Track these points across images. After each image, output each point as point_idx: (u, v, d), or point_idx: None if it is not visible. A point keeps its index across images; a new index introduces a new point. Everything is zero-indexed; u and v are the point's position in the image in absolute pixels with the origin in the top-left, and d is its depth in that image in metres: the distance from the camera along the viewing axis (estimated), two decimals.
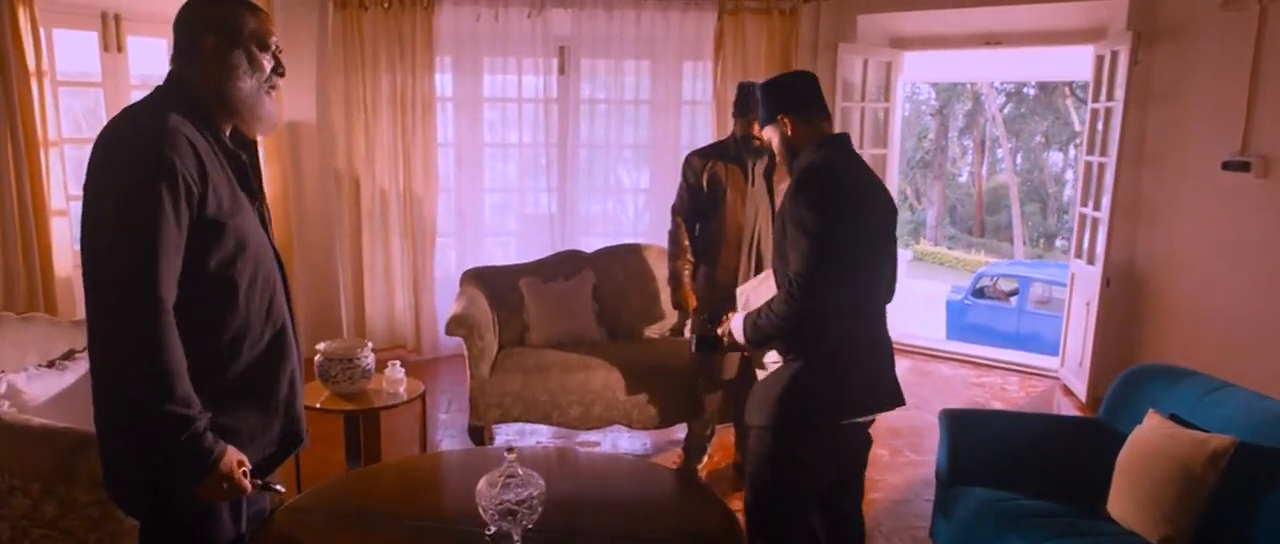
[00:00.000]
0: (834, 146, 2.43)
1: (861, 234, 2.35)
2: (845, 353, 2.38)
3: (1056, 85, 25.24)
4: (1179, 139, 4.71)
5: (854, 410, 2.43)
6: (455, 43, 5.69)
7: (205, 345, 1.75)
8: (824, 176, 2.33)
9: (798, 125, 2.45)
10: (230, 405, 1.80)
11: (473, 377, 3.94)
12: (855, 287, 2.35)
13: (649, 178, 6.09)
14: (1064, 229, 27.61)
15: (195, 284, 1.70)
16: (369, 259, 5.74)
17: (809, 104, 2.47)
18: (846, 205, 2.30)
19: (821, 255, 2.23)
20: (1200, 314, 4.58)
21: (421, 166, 5.69)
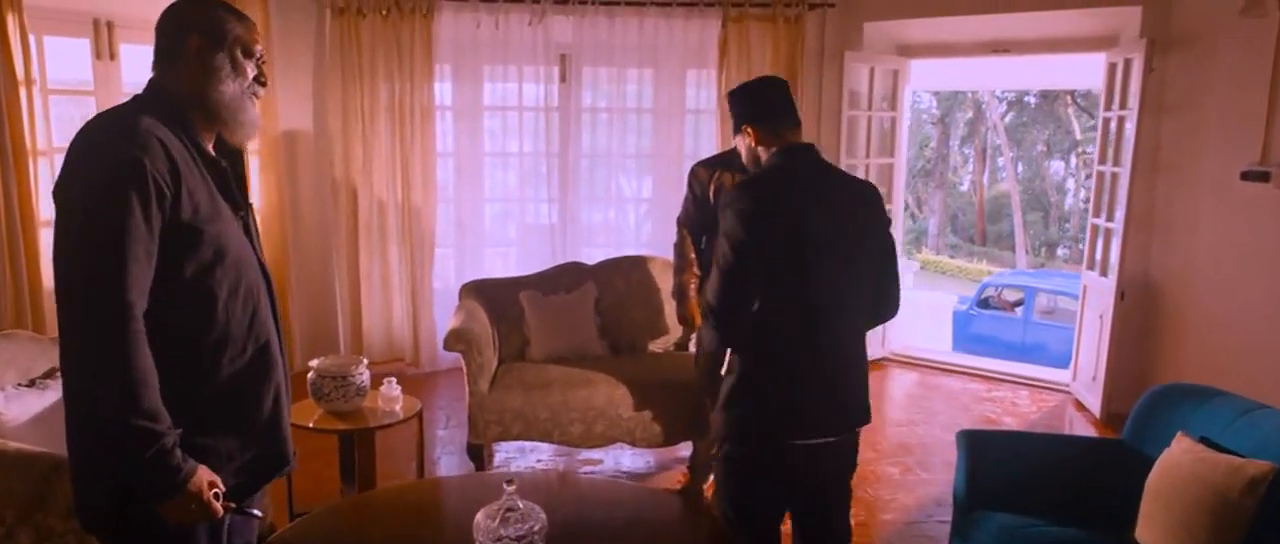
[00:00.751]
0: (790, 155, 2.31)
1: (799, 247, 2.20)
2: (780, 372, 2.26)
3: (1058, 94, 25.19)
4: (1195, 149, 4.61)
5: (798, 432, 2.28)
6: (454, 50, 5.59)
7: (180, 358, 1.66)
8: (753, 190, 2.25)
9: (763, 135, 2.36)
10: (207, 423, 1.71)
11: (471, 393, 3.83)
12: (786, 304, 2.22)
13: (651, 188, 5.99)
14: (1066, 238, 27.52)
15: (170, 292, 1.62)
16: (366, 270, 5.63)
17: (776, 113, 2.36)
18: (777, 218, 2.19)
19: (729, 280, 2.18)
20: (1218, 328, 4.47)
21: (420, 176, 5.58)
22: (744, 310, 2.19)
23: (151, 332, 1.58)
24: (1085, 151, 26.13)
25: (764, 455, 2.30)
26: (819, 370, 2.27)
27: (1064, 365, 11.05)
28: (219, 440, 1.73)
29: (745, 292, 2.18)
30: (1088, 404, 5.10)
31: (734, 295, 2.19)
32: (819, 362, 2.27)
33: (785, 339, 2.24)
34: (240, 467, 1.77)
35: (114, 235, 1.52)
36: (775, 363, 2.25)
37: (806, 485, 2.39)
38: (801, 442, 2.29)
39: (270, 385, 1.82)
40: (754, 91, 2.44)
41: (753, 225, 2.16)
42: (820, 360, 2.27)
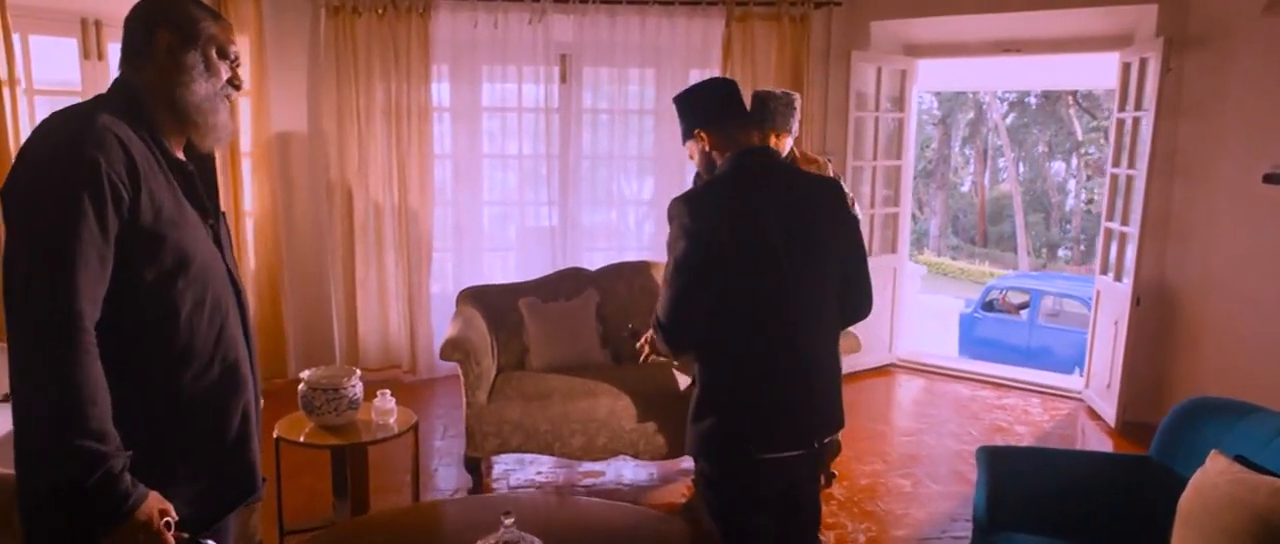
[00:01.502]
0: (743, 159, 2.19)
1: (750, 258, 2.11)
2: (743, 382, 2.16)
3: (1060, 94, 25.08)
4: (1213, 151, 4.48)
5: (767, 444, 2.17)
6: (452, 50, 5.47)
7: (137, 374, 1.54)
8: (694, 202, 2.15)
9: (717, 139, 2.22)
10: (165, 446, 1.59)
11: (469, 405, 3.70)
12: (744, 312, 2.13)
13: (653, 190, 5.86)
14: (1067, 239, 27.41)
15: (127, 303, 1.50)
16: (362, 275, 5.50)
17: (727, 115, 2.23)
18: (728, 226, 2.10)
19: (679, 295, 2.11)
20: (1238, 335, 4.34)
21: (417, 179, 5.46)
22: (693, 323, 2.13)
23: (105, 344, 1.46)
24: (1087, 152, 26.04)
25: (736, 470, 2.21)
26: (786, 378, 2.18)
27: (1069, 369, 11.00)
28: (177, 464, 1.61)
29: (694, 305, 2.12)
30: (1102, 412, 4.98)
31: (682, 311, 2.13)
32: (785, 369, 2.18)
33: (746, 347, 2.15)
34: (200, 494, 1.65)
35: (63, 238, 1.40)
36: (737, 373, 2.17)
37: (780, 501, 2.29)
38: (772, 455, 2.19)
39: (237, 406, 1.69)
40: (701, 94, 2.28)
41: (696, 238, 2.09)
42: (787, 368, 2.18)
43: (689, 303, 2.11)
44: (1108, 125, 23.66)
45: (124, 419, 1.48)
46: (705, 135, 2.23)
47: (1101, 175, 25.86)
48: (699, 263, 2.09)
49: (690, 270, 2.10)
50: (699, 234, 2.08)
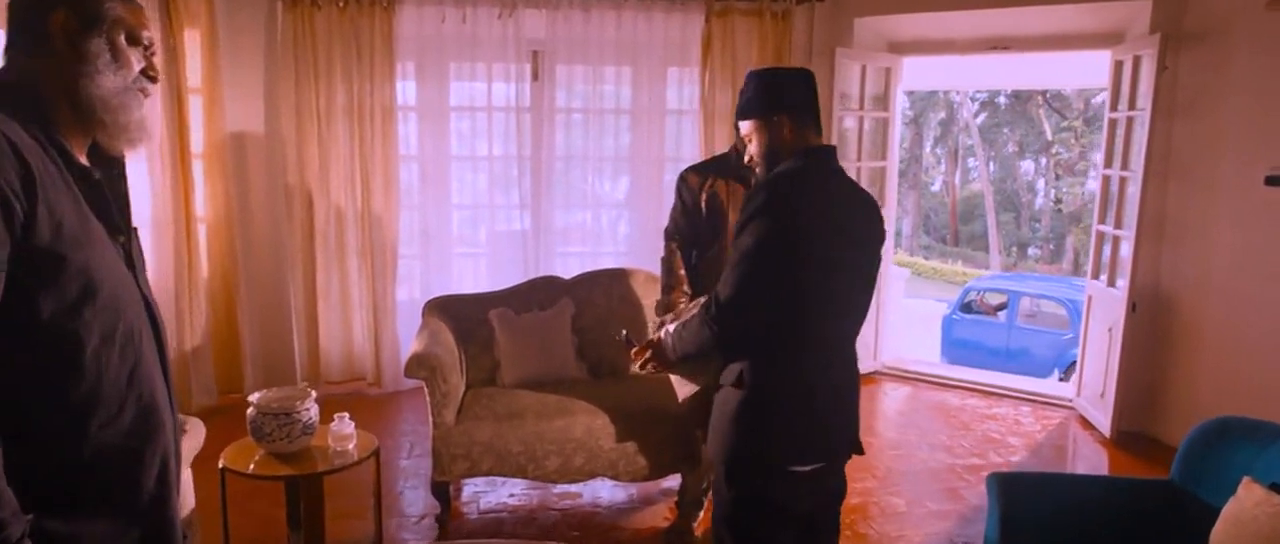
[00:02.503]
0: (814, 159, 2.10)
1: (823, 261, 2.01)
2: (802, 390, 2.07)
3: (1030, 94, 25.21)
4: (1210, 151, 4.33)
5: (804, 456, 2.10)
6: (418, 46, 5.20)
7: (35, 422, 1.29)
8: (783, 190, 2.01)
9: (795, 130, 2.12)
10: (70, 504, 1.34)
11: (435, 426, 3.44)
12: (804, 315, 2.03)
13: (630, 193, 5.63)
14: (1036, 238, 27.57)
15: (22, 338, 1.25)
16: (323, 284, 5.21)
17: (810, 107, 2.15)
18: (803, 226, 1.98)
19: (749, 278, 1.97)
20: (1238, 342, 4.20)
21: (382, 182, 5.18)
22: (758, 307, 1.98)
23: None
24: (1057, 152, 26.20)
25: (771, 482, 2.09)
26: (835, 388, 2.13)
27: (1048, 371, 10.93)
28: (83, 526, 1.35)
29: (765, 288, 1.97)
30: (1095, 422, 4.82)
31: (752, 291, 1.97)
32: (836, 379, 2.12)
33: (806, 349, 2.06)
34: None
35: None
36: (794, 376, 2.05)
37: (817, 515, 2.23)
38: (812, 467, 2.10)
39: (154, 454, 1.44)
40: (794, 80, 2.17)
41: (783, 219, 1.95)
42: (836, 378, 2.13)
43: (760, 284, 1.96)
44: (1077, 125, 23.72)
45: (21, 477, 1.24)
46: (787, 121, 2.10)
47: (1071, 174, 26.09)
48: (780, 247, 1.95)
49: (771, 252, 1.96)
50: (790, 216, 1.97)
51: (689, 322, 2.11)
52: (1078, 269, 24.54)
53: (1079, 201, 25.74)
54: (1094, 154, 25.46)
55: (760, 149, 2.14)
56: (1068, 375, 10.38)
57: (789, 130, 2.10)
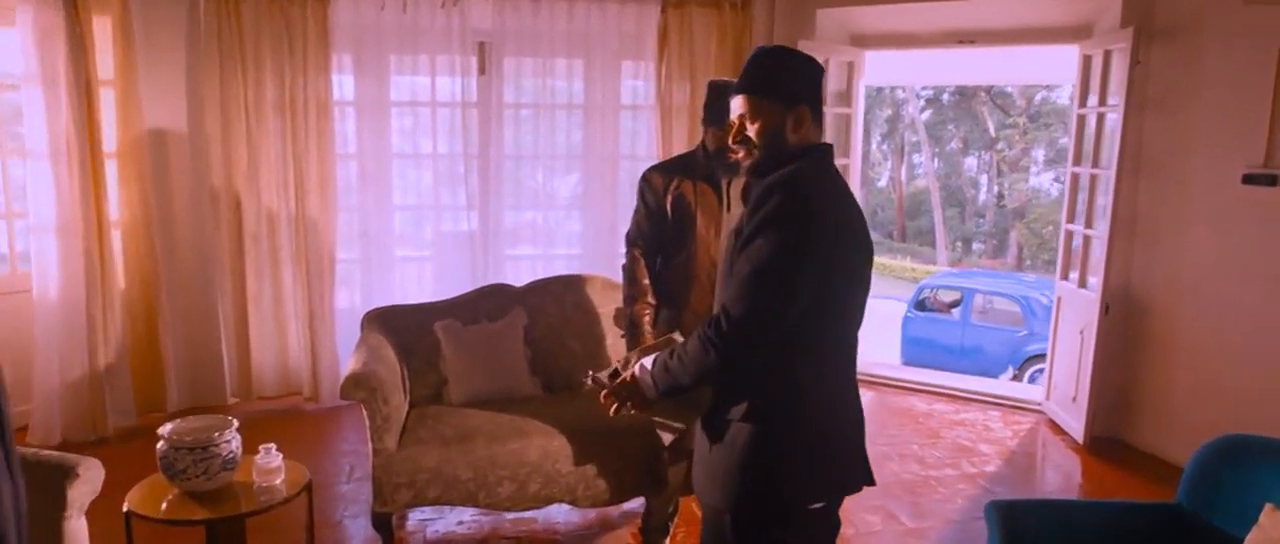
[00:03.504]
0: (819, 159, 1.86)
1: (841, 269, 1.80)
2: (823, 419, 1.84)
3: (974, 91, 25.52)
4: (1183, 148, 4.21)
5: (827, 490, 1.91)
6: (355, 37, 4.85)
7: None
8: (803, 191, 1.76)
9: (808, 123, 1.86)
10: None
11: (376, 452, 3.13)
12: (821, 333, 1.82)
13: (582, 192, 5.35)
14: (980, 233, 27.97)
15: None
16: (255, 292, 4.84)
17: (821, 102, 1.91)
18: (826, 232, 1.75)
19: (768, 292, 1.72)
20: (1213, 344, 4.09)
21: (317, 181, 4.83)
22: (773, 333, 1.73)
23: None
24: (1001, 149, 26.57)
25: (793, 528, 1.86)
26: (851, 410, 1.93)
27: (1002, 368, 10.93)
28: None
29: (783, 307, 1.71)
30: (1066, 426, 4.69)
31: (770, 308, 1.71)
32: (849, 399, 1.93)
33: (825, 370, 1.85)
34: None
35: None
36: (815, 404, 1.82)
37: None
38: (821, 504, 1.90)
39: None
40: (812, 68, 1.90)
41: (809, 229, 1.72)
42: (851, 398, 1.92)
43: (781, 298, 1.71)
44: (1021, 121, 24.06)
45: None
46: (808, 116, 1.85)
47: (1015, 170, 26.51)
48: (802, 256, 1.71)
49: (794, 262, 1.70)
50: (812, 220, 1.73)
51: (685, 347, 1.81)
52: (1021, 264, 24.94)
53: (1022, 197, 26.17)
54: (1036, 151, 25.90)
55: (763, 137, 1.84)
56: (1022, 372, 10.40)
57: (806, 126, 1.85)
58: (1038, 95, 25.03)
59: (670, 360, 1.83)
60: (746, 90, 1.87)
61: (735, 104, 1.89)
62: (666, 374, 1.84)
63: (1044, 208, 25.50)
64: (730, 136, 1.90)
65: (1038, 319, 10.52)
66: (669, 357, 1.84)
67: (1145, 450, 4.43)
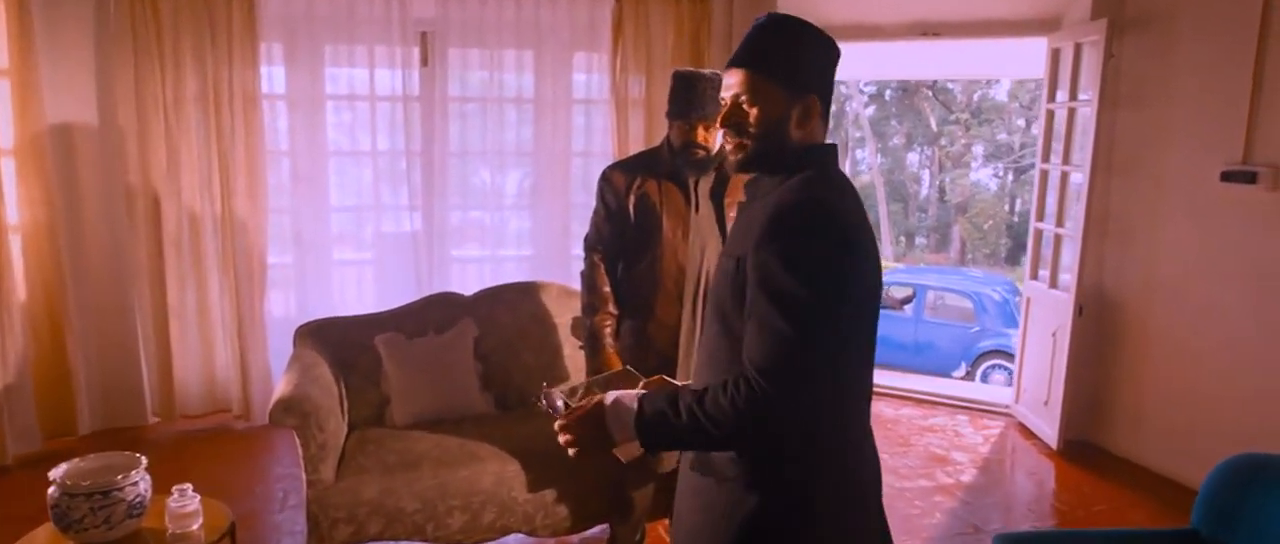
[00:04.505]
0: (828, 164, 1.55)
1: (873, 294, 1.52)
2: (849, 478, 1.54)
3: (917, 87, 25.78)
4: (1157, 145, 4.09)
5: None
6: (286, 26, 4.49)
7: None
8: (830, 203, 1.44)
9: (819, 117, 1.55)
10: None
11: (310, 484, 2.81)
12: (852, 382, 1.52)
13: (533, 190, 5.05)
14: (923, 228, 28.30)
15: None
16: (177, 301, 4.45)
17: (832, 92, 1.59)
18: (851, 265, 1.44)
19: (811, 333, 1.37)
20: (1189, 347, 3.97)
21: (245, 181, 4.46)
22: (821, 390, 1.39)
23: None
24: (943, 144, 26.90)
25: None
26: (872, 468, 1.62)
27: (954, 365, 10.91)
28: None
29: (828, 349, 1.40)
30: (1038, 431, 4.55)
31: (817, 354, 1.38)
32: (873, 451, 1.62)
33: (851, 422, 1.54)
34: None
35: None
36: (850, 458, 1.54)
37: None
38: None
39: None
40: (830, 49, 1.57)
41: (842, 250, 1.42)
42: (870, 454, 1.61)
43: (825, 338, 1.38)
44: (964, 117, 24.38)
45: None
46: (817, 108, 1.55)
47: (957, 166, 26.87)
48: (845, 294, 1.41)
49: (835, 291, 1.39)
50: (844, 237, 1.43)
51: (703, 406, 1.42)
52: (964, 258, 25.28)
53: (964, 192, 26.54)
54: (976, 146, 26.28)
55: (761, 127, 1.51)
56: (975, 368, 10.39)
57: (813, 120, 1.54)
58: (976, 93, 25.41)
59: (673, 414, 1.45)
60: (748, 65, 1.52)
61: (730, 80, 1.55)
62: (666, 432, 1.46)
63: (985, 202, 25.90)
64: (720, 119, 1.57)
65: (989, 315, 10.52)
66: (671, 410, 1.45)
67: (1119, 455, 4.31)
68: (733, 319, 1.48)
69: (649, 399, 1.49)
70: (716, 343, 1.54)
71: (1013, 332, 10.27)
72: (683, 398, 1.46)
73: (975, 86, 24.89)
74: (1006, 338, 10.22)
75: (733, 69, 1.54)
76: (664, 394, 1.50)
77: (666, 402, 1.47)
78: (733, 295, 1.47)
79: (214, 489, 2.94)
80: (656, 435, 1.48)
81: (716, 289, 1.55)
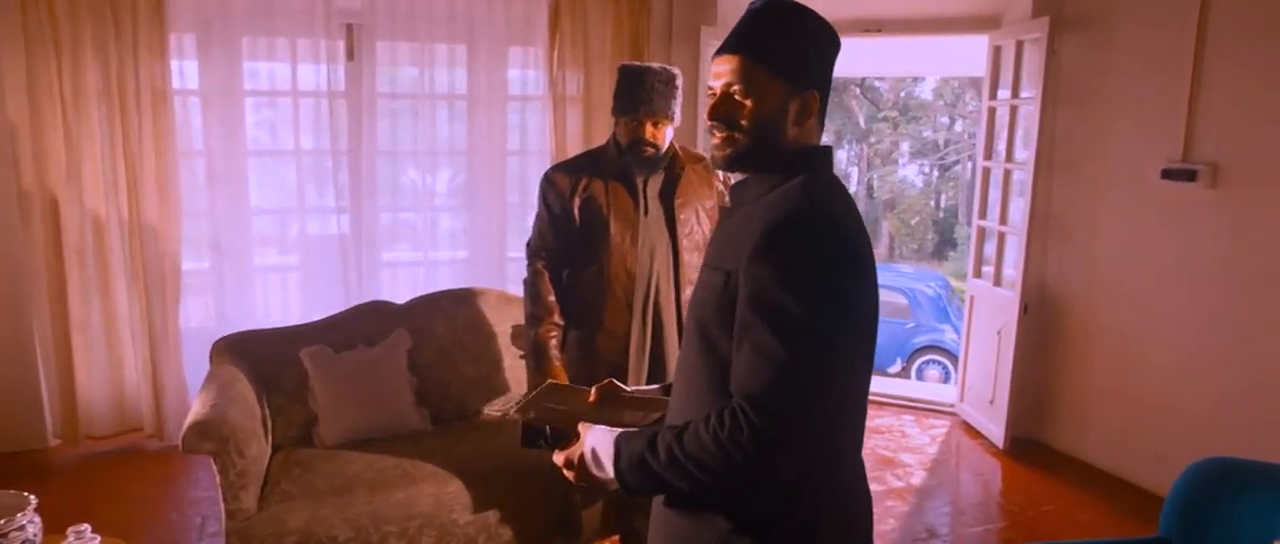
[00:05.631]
0: (825, 169, 1.41)
1: (866, 323, 1.35)
2: (849, 516, 1.41)
3: (846, 84, 26.15)
4: (1097, 142, 4.10)
5: None
6: (198, 16, 4.19)
7: None
8: (833, 214, 1.29)
9: (818, 114, 1.41)
10: None
11: (230, 515, 2.58)
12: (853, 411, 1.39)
13: (467, 192, 4.83)
14: None
15: None
16: (80, 314, 4.12)
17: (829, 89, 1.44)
18: (854, 282, 1.30)
19: (815, 362, 1.23)
20: (1130, 345, 3.99)
21: (154, 183, 4.15)
22: (820, 421, 1.24)
23: None
24: (872, 141, 27.36)
25: None
26: (869, 503, 1.49)
27: (890, 361, 11.01)
28: None
29: (833, 377, 1.25)
30: (983, 430, 4.54)
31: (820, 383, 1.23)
32: (864, 494, 1.48)
33: (851, 452, 1.41)
34: None
35: None
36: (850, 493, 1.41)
37: None
38: None
39: None
40: (836, 42, 1.42)
41: (846, 263, 1.28)
42: (864, 492, 1.48)
43: (830, 365, 1.24)
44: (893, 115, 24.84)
45: None
46: (816, 104, 1.40)
47: (886, 162, 27.36)
48: (849, 314, 1.27)
49: (841, 311, 1.25)
50: (848, 247, 1.29)
51: (683, 444, 1.28)
52: (893, 253, 25.76)
53: (892, 189, 27.04)
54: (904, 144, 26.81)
55: (755, 122, 1.35)
56: (909, 364, 10.50)
57: (811, 120, 1.39)
58: (903, 91, 25.89)
59: (652, 456, 1.30)
60: (746, 52, 1.36)
61: (721, 67, 1.38)
62: (648, 476, 1.32)
63: (912, 199, 26.42)
64: (708, 110, 1.41)
65: (923, 311, 10.64)
66: (650, 451, 1.31)
67: (1064, 452, 4.32)
68: (718, 340, 1.32)
69: (626, 440, 1.35)
70: (697, 366, 1.37)
71: (946, 327, 10.42)
72: (662, 437, 1.31)
73: (902, 85, 25.36)
74: (940, 333, 10.35)
75: (726, 56, 1.38)
76: (644, 433, 1.34)
77: (645, 443, 1.32)
78: (718, 313, 1.31)
79: (123, 519, 2.70)
80: (639, 480, 1.34)
81: (698, 305, 1.39)
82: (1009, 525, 3.62)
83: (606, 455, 1.36)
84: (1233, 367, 3.55)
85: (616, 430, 1.39)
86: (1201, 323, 3.66)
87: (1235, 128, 3.50)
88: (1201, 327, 3.67)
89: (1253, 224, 3.46)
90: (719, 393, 1.31)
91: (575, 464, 1.43)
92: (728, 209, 1.46)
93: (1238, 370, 3.53)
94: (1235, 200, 3.51)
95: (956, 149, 24.91)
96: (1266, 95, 3.39)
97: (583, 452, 1.41)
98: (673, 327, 2.62)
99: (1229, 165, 3.52)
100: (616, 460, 1.35)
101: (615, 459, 1.35)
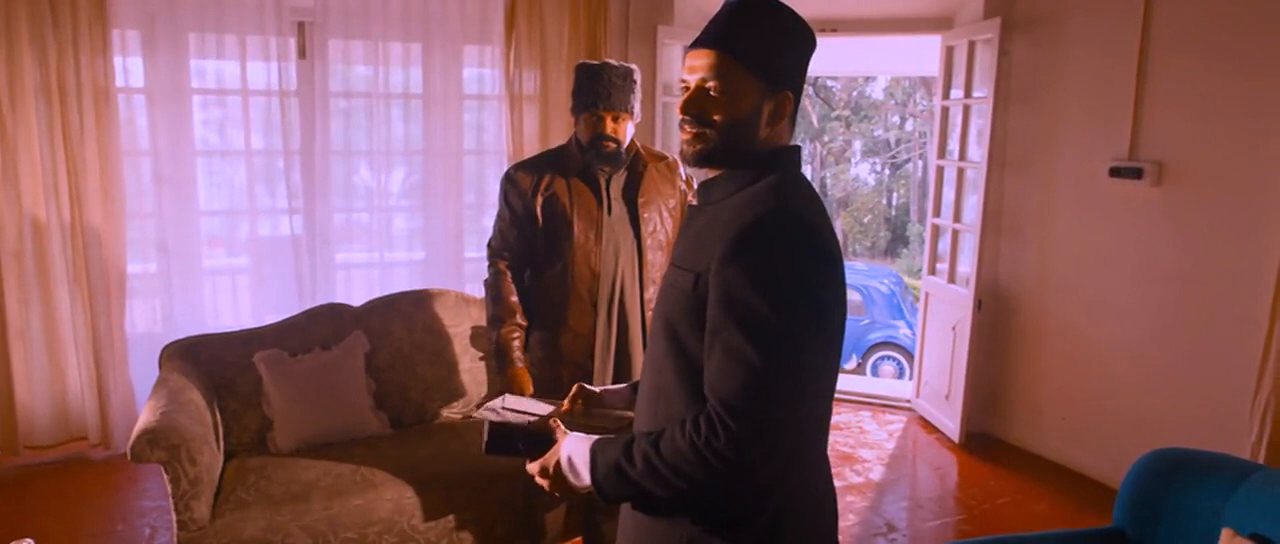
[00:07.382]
0: (794, 169, 1.39)
1: (837, 326, 1.35)
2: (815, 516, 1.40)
3: None
4: (1047, 141, 4.18)
5: None
6: (143, 12, 4.07)
7: None
8: (804, 215, 1.29)
9: (790, 116, 1.40)
10: None
11: (182, 525, 2.51)
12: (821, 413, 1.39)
13: (423, 193, 4.77)
14: None
15: None
16: (19, 321, 3.98)
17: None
18: (828, 284, 1.29)
19: (786, 365, 1.22)
20: (1081, 341, 4.08)
21: (98, 185, 4.02)
22: (795, 425, 1.25)
23: None
24: (825, 140, 27.67)
25: None
26: (835, 505, 1.48)
27: (845, 358, 11.13)
28: None
29: (805, 381, 1.25)
30: (939, 425, 4.61)
31: (792, 387, 1.23)
32: (832, 497, 1.47)
33: (819, 455, 1.41)
34: None
35: None
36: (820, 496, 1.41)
37: None
38: None
39: None
40: (812, 41, 1.41)
41: (819, 265, 1.27)
42: (832, 495, 1.47)
43: (801, 369, 1.23)
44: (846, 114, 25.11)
45: None
46: (790, 105, 1.38)
47: (839, 161, 27.68)
48: (822, 316, 1.27)
49: (813, 315, 1.25)
50: (820, 249, 1.27)
51: (659, 450, 1.27)
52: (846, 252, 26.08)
53: (845, 187, 27.36)
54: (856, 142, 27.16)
55: (727, 120, 1.33)
56: (865, 361, 10.62)
57: (784, 121, 1.38)
58: (855, 90, 26.22)
59: (628, 463, 1.30)
60: (721, 47, 1.33)
61: (696, 62, 1.36)
62: (624, 484, 1.32)
63: (864, 197, 26.76)
64: (680, 104, 1.37)
65: (878, 307, 10.77)
66: (626, 459, 1.30)
67: (1017, 445, 4.41)
68: (687, 342, 1.31)
69: (602, 448, 1.34)
70: (665, 366, 1.36)
71: (900, 323, 10.56)
72: (638, 444, 1.30)
73: (854, 84, 25.69)
74: (895, 329, 10.49)
75: (701, 50, 1.36)
76: (619, 440, 1.34)
77: (621, 450, 1.31)
78: (687, 315, 1.31)
79: (67, 532, 2.61)
80: (617, 488, 1.33)
81: (666, 305, 1.37)
82: (966, 518, 3.68)
83: (583, 464, 1.36)
84: (1180, 360, 3.65)
85: (592, 438, 1.38)
86: (1150, 318, 3.76)
87: (1178, 126, 3.60)
88: (1150, 321, 3.76)
89: (1195, 220, 3.56)
90: (689, 393, 1.31)
91: (551, 473, 1.41)
92: (695, 207, 1.44)
93: (1185, 364, 3.63)
94: (1178, 197, 3.61)
95: (907, 148, 25.29)
96: (1207, 95, 3.49)
97: (558, 460, 1.40)
98: (638, 325, 2.61)
99: (1172, 163, 3.62)
100: (593, 469, 1.34)
101: (592, 467, 1.34)
